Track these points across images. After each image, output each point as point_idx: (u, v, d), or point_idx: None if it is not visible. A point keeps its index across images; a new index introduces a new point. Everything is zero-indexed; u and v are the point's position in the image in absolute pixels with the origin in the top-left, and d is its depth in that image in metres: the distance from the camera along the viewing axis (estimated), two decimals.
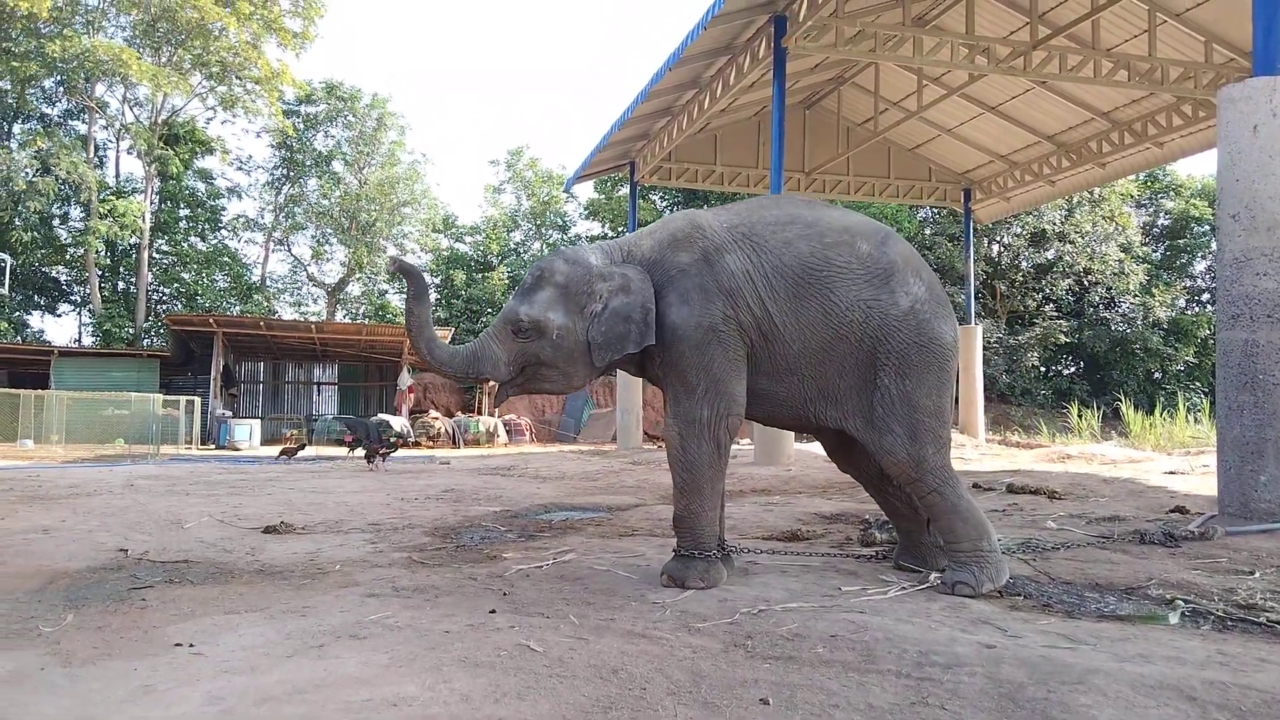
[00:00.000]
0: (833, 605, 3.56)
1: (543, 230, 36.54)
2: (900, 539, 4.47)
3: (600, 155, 17.79)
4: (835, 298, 3.88)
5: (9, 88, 26.82)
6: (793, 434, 13.12)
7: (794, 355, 3.93)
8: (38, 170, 25.79)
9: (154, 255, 30.72)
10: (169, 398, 20.61)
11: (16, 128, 29.15)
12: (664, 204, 31.82)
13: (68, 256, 30.21)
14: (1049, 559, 4.61)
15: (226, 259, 32.92)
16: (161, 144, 28.05)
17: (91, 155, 28.21)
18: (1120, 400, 20.45)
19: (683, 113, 15.89)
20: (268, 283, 34.89)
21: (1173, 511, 6.32)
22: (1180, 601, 3.61)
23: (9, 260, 23.59)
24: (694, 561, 3.94)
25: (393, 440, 13.29)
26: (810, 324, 3.88)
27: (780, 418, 4.27)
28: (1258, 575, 4.16)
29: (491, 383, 4.25)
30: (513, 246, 36.18)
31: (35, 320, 32.18)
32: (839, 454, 4.53)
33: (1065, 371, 29.65)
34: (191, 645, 3.03)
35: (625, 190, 25.40)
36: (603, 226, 33.55)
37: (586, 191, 33.35)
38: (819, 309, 3.88)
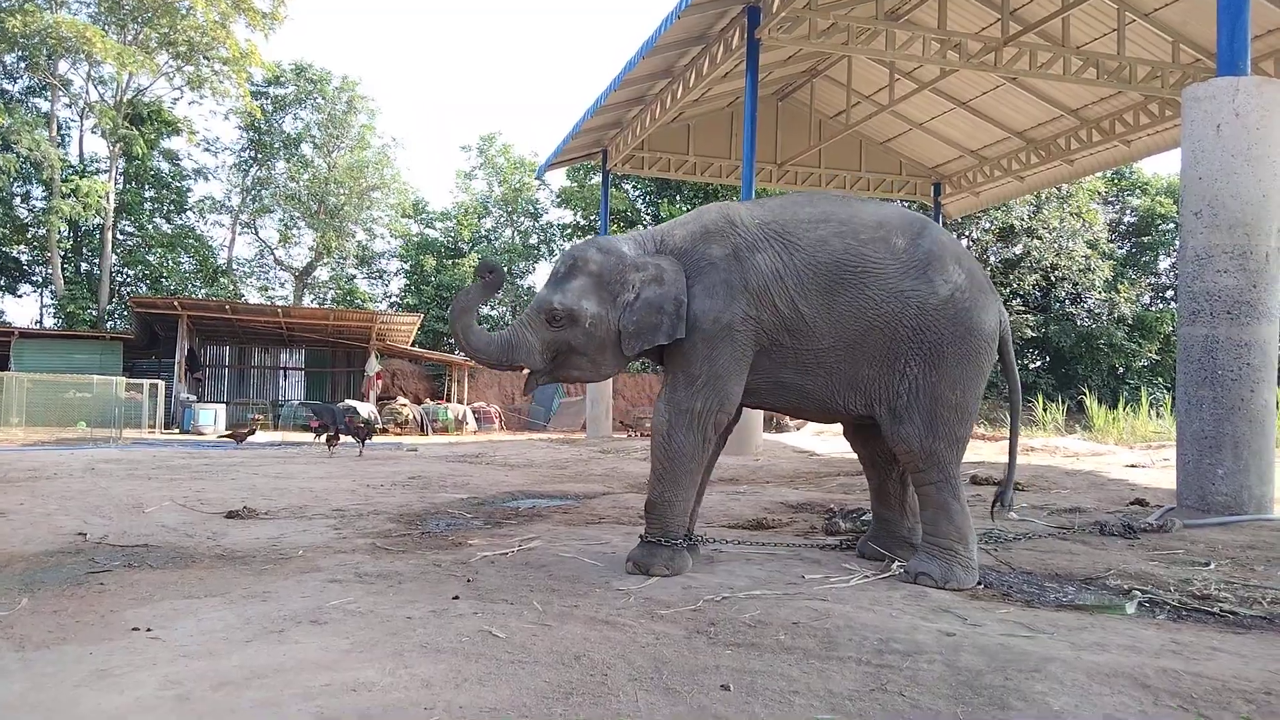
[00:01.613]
0: (795, 593, 3.58)
1: (514, 217, 36.40)
2: (874, 524, 4.49)
3: (572, 143, 17.72)
4: (869, 293, 3.86)
5: None
6: (761, 425, 13.17)
7: (824, 350, 3.93)
8: None
9: (118, 236, 30.30)
10: (132, 381, 20.34)
11: None
12: (636, 193, 31.80)
13: (29, 236, 29.70)
14: (1010, 549, 4.66)
15: (192, 241, 32.53)
16: (126, 124, 27.59)
17: (54, 134, 27.70)
18: (1084, 394, 20.74)
19: (655, 102, 15.86)
20: (234, 266, 34.53)
21: (1133, 504, 6.41)
22: (1137, 592, 3.67)
23: None
24: (661, 549, 3.95)
25: (360, 426, 13.18)
26: (843, 319, 3.88)
27: (806, 409, 4.27)
28: (1213, 566, 4.24)
29: (525, 370, 4.21)
30: (484, 233, 36.02)
31: None
32: (855, 432, 4.50)
33: (1031, 365, 29.98)
34: (149, 629, 2.99)
35: (597, 178, 25.32)
36: (574, 214, 33.47)
37: (558, 179, 33.29)
38: (852, 304, 3.86)
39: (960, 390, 3.92)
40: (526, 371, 4.21)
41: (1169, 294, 31.42)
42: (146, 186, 31.66)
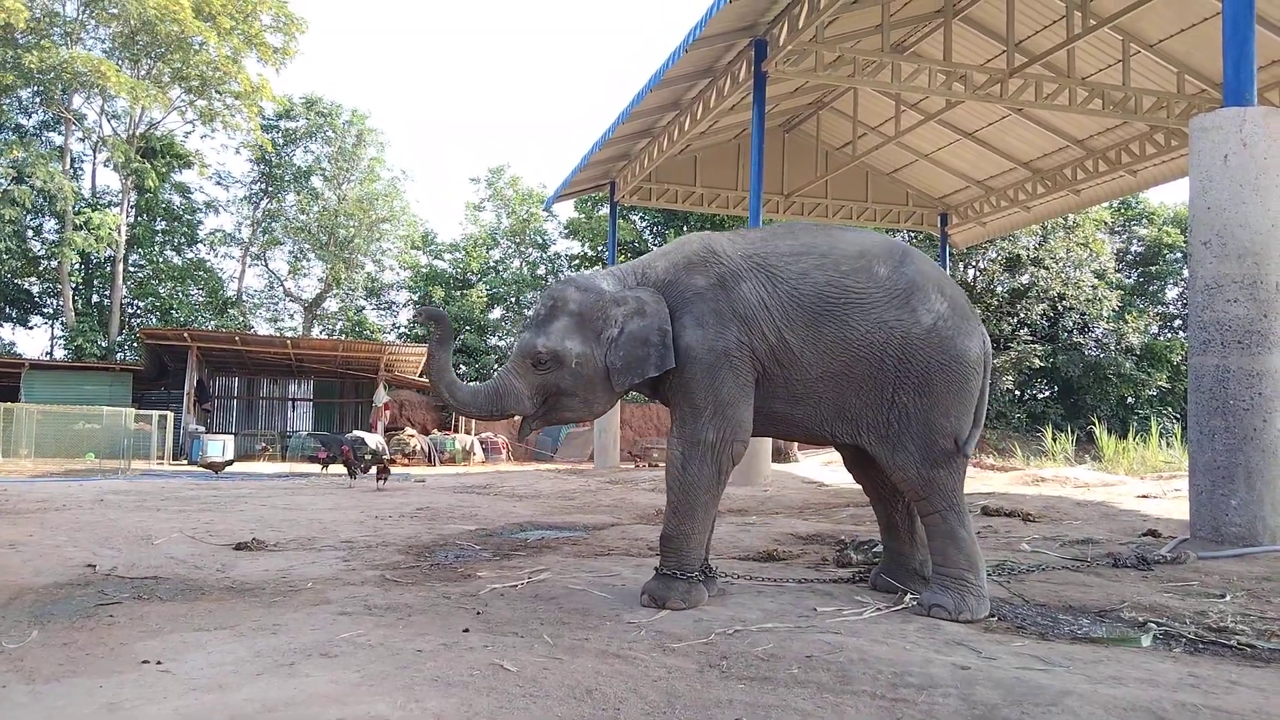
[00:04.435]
0: (808, 626, 3.55)
1: (522, 248, 36.56)
2: (885, 557, 4.46)
3: (581, 175, 17.83)
4: (854, 323, 3.86)
5: None
6: (769, 455, 13.14)
7: (812, 380, 3.93)
8: (12, 179, 25.55)
9: (129, 268, 30.47)
10: (141, 412, 20.38)
11: None
12: (643, 224, 31.93)
13: (41, 269, 29.90)
14: (1023, 581, 4.62)
15: (202, 273, 32.70)
16: (139, 157, 27.86)
17: (67, 167, 27.97)
18: (1094, 424, 20.62)
19: (663, 134, 15.96)
20: (244, 298, 34.69)
21: (1145, 535, 6.36)
22: (1153, 624, 3.63)
23: None
24: (676, 582, 3.91)
25: (367, 456, 13.17)
26: (829, 350, 3.88)
27: (796, 436, 4.32)
28: (1229, 598, 4.19)
29: (516, 416, 4.19)
30: (492, 264, 36.16)
31: (6, 332, 31.85)
32: (856, 465, 4.49)
33: (1039, 395, 29.91)
34: (159, 662, 2.98)
35: (605, 210, 25.45)
36: (583, 245, 33.62)
37: (567, 210, 33.46)
38: (838, 335, 3.87)
39: (953, 416, 3.91)
40: (519, 418, 4.19)
41: (1177, 323, 31.36)
42: (158, 219, 31.89)
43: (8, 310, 31.08)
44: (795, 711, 2.54)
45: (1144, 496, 9.73)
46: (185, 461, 20.29)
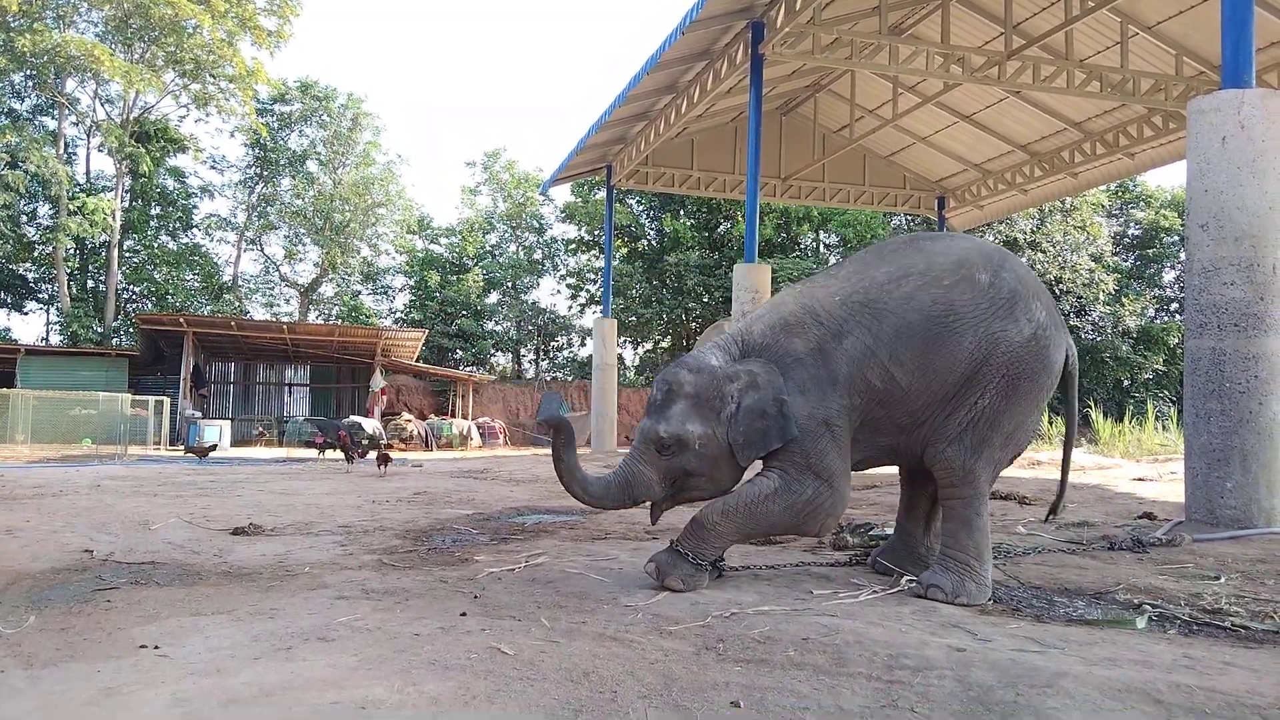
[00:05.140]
0: (804, 608, 3.56)
1: (519, 233, 36.47)
2: (894, 536, 4.48)
3: (577, 158, 17.78)
4: (963, 340, 3.84)
5: None
6: None
7: (920, 409, 3.92)
8: (5, 164, 25.41)
9: (124, 254, 30.37)
10: (137, 398, 20.38)
11: None
12: (640, 208, 31.84)
13: (36, 254, 29.81)
14: (1019, 564, 4.64)
15: (198, 258, 32.62)
16: (133, 141, 27.70)
17: (61, 151, 27.84)
18: (1090, 408, 20.66)
19: (660, 117, 15.92)
20: (239, 283, 34.62)
21: (1141, 518, 6.37)
22: (1148, 606, 3.64)
23: None
24: (685, 563, 3.92)
25: (364, 441, 13.16)
26: (938, 372, 3.86)
27: (899, 462, 4.29)
28: (1223, 580, 4.21)
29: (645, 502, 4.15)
30: (488, 248, 36.07)
31: (1, 318, 31.84)
32: None
33: None
34: (157, 647, 2.98)
35: (602, 193, 25.40)
36: (579, 229, 33.53)
37: (563, 194, 33.35)
38: (948, 357, 3.85)
39: (1017, 421, 3.93)
40: (650, 503, 4.15)
41: (1174, 306, 31.38)
42: (153, 204, 31.76)
43: (2, 296, 31.01)
44: (791, 693, 2.54)
45: (1140, 479, 9.76)
46: (182, 447, 20.30)
